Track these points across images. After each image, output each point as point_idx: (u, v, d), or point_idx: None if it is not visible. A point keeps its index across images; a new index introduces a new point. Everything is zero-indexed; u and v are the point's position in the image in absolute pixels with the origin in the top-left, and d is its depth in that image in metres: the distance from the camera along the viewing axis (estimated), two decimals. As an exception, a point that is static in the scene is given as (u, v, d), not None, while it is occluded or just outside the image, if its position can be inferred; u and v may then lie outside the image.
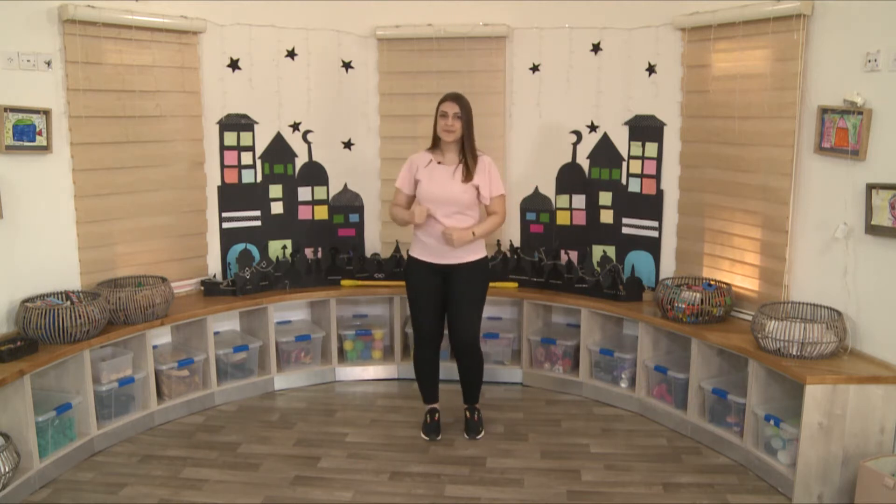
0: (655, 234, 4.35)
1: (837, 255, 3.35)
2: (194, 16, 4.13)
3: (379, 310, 4.84)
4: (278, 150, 4.57)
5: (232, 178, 4.46)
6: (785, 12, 3.48)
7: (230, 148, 4.44)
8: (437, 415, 3.83)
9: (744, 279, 3.89)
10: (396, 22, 4.48)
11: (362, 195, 4.75)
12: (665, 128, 4.25)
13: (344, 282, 4.53)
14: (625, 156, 4.40)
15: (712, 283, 3.94)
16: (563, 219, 4.61)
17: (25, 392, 3.17)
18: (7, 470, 3.01)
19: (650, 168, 4.32)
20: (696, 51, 4.01)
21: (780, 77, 3.58)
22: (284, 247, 4.65)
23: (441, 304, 3.68)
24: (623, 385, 4.18)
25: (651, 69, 4.24)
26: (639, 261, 4.41)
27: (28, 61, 3.54)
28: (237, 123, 4.43)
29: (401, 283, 3.93)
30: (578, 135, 4.50)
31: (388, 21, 4.49)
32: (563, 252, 4.59)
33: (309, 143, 4.64)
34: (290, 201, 4.64)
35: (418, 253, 3.68)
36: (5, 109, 3.42)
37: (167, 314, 3.92)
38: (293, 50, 4.48)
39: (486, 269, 3.74)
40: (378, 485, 3.34)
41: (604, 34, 4.34)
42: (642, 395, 4.06)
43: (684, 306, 3.77)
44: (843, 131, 3.25)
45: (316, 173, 4.68)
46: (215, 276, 4.46)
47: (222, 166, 4.43)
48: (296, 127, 4.59)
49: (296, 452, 3.64)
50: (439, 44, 4.48)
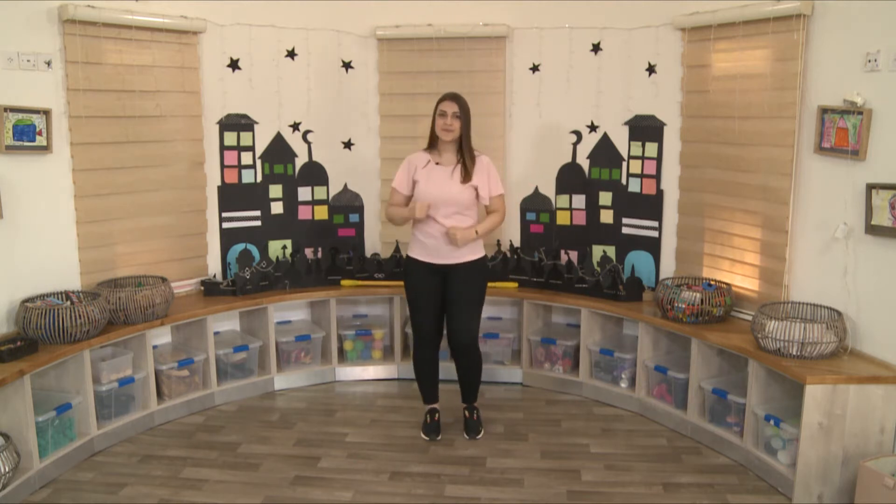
0: (655, 234, 4.35)
1: (837, 255, 3.35)
2: (194, 16, 4.13)
3: (379, 310, 4.84)
4: (278, 150, 4.57)
5: (232, 178, 4.46)
6: (785, 12, 3.48)
7: (230, 148, 4.44)
8: (437, 415, 3.83)
9: (744, 279, 3.89)
10: (396, 22, 4.48)
11: (362, 195, 4.75)
12: (665, 128, 4.25)
13: (344, 282, 4.53)
14: (625, 156, 4.40)
15: (712, 283, 3.94)
16: (563, 219, 4.61)
17: (25, 392, 3.17)
18: (7, 470, 3.01)
19: (650, 168, 4.32)
20: (696, 51, 4.01)
21: (780, 77, 3.58)
22: (284, 247, 4.65)
23: (440, 305, 3.67)
24: (623, 385, 4.18)
25: (651, 69, 4.24)
26: (639, 261, 4.41)
27: (28, 61, 3.54)
28: (237, 123, 4.43)
29: (401, 283, 3.92)
30: (578, 135, 4.50)
31: (388, 21, 4.49)
32: (563, 252, 4.59)
33: (309, 143, 4.64)
34: (290, 201, 4.64)
35: (417, 253, 3.67)
36: (5, 109, 3.42)
37: (167, 314, 3.92)
38: (293, 50, 4.48)
39: (484, 269, 3.73)
40: (378, 485, 3.34)
41: (604, 34, 4.34)
42: (642, 395, 4.06)
43: (684, 306, 3.77)
44: (843, 131, 3.24)
45: (316, 173, 4.68)
46: (215, 276, 4.46)
47: (222, 166, 4.43)
48: (296, 127, 4.59)
49: (296, 452, 3.64)
50: (439, 44, 4.48)
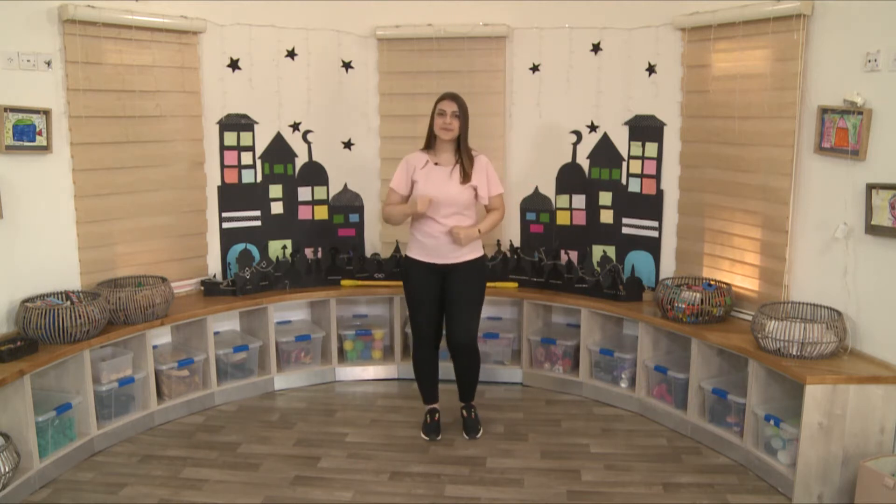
0: (655, 234, 4.35)
1: (837, 255, 3.35)
2: (194, 16, 4.13)
3: (379, 310, 4.84)
4: (278, 150, 4.57)
5: (232, 178, 4.46)
6: (785, 12, 3.48)
7: (230, 148, 4.44)
8: (437, 415, 3.83)
9: (744, 279, 3.89)
10: (396, 22, 4.48)
11: (362, 195, 4.75)
12: (665, 128, 4.25)
13: (344, 282, 4.53)
14: (625, 156, 4.40)
15: (712, 283, 3.94)
16: (563, 219, 4.61)
17: (25, 392, 3.17)
18: (7, 470, 3.01)
19: (650, 168, 4.32)
20: (696, 51, 4.01)
21: (780, 77, 3.58)
22: (284, 247, 4.65)
23: (440, 304, 3.68)
24: (623, 385, 4.18)
25: (651, 69, 4.23)
26: (639, 261, 4.41)
27: (28, 61, 3.54)
28: (237, 123, 4.43)
29: (401, 283, 3.92)
30: (578, 135, 4.50)
31: (388, 21, 4.49)
32: (563, 252, 4.59)
33: (309, 143, 4.64)
34: (290, 201, 4.64)
35: (416, 253, 3.67)
36: (5, 109, 3.42)
37: (167, 314, 3.92)
38: (293, 50, 4.48)
39: (483, 268, 3.74)
40: (378, 485, 3.34)
41: (604, 34, 4.34)
42: (642, 395, 4.06)
43: (684, 306, 3.77)
44: (843, 131, 3.24)
45: (316, 173, 4.68)
46: (215, 276, 4.46)
47: (222, 166, 4.43)
48: (296, 127, 4.59)
49: (296, 452, 3.64)
50: (439, 44, 4.48)
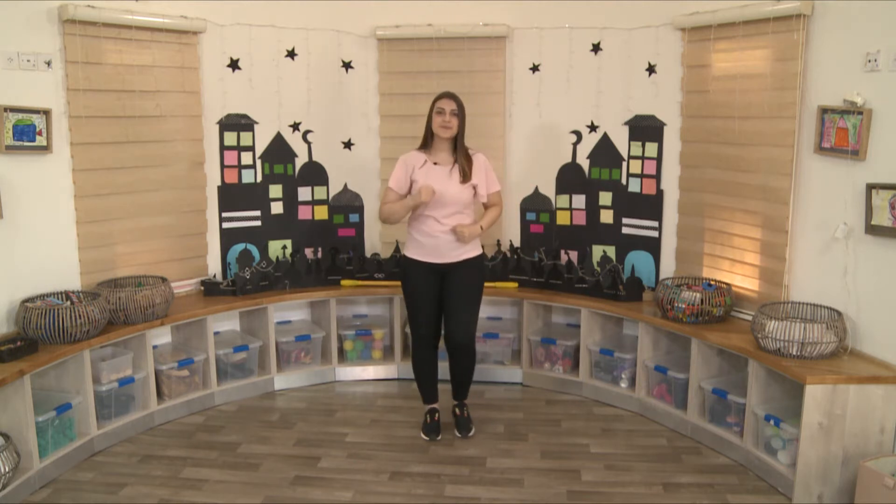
0: (655, 234, 4.35)
1: (837, 255, 3.35)
2: (194, 16, 4.13)
3: (379, 310, 4.84)
4: (278, 150, 4.57)
5: (232, 178, 4.46)
6: (785, 12, 3.48)
7: (230, 148, 4.44)
8: (436, 415, 3.83)
9: (744, 279, 3.89)
10: (396, 22, 4.48)
11: (362, 195, 4.75)
12: (665, 128, 4.25)
13: (344, 282, 4.53)
14: (625, 156, 4.40)
15: (712, 283, 3.94)
16: (563, 219, 4.61)
17: (25, 392, 3.17)
18: (7, 470, 3.01)
19: (650, 168, 4.32)
20: (696, 51, 4.01)
21: (780, 77, 3.58)
22: (284, 247, 4.65)
23: (438, 304, 3.68)
24: (623, 385, 4.18)
25: (651, 69, 4.23)
26: (639, 261, 4.41)
27: (28, 61, 3.54)
28: (237, 123, 4.43)
29: (401, 284, 3.92)
30: (578, 135, 4.50)
31: (388, 21, 4.49)
32: (563, 252, 4.59)
33: (309, 143, 4.64)
34: (290, 201, 4.64)
35: (415, 253, 3.67)
36: (5, 109, 3.42)
37: (167, 314, 3.92)
38: (293, 50, 4.48)
39: (482, 267, 3.75)
40: (378, 485, 3.34)
41: (604, 34, 4.34)
42: (642, 395, 4.06)
43: (684, 306, 3.77)
44: (843, 131, 3.24)
45: (316, 173, 4.68)
46: (215, 276, 4.46)
47: (222, 166, 4.43)
48: (296, 127, 4.59)
49: (296, 452, 3.64)
50: (439, 44, 4.48)
